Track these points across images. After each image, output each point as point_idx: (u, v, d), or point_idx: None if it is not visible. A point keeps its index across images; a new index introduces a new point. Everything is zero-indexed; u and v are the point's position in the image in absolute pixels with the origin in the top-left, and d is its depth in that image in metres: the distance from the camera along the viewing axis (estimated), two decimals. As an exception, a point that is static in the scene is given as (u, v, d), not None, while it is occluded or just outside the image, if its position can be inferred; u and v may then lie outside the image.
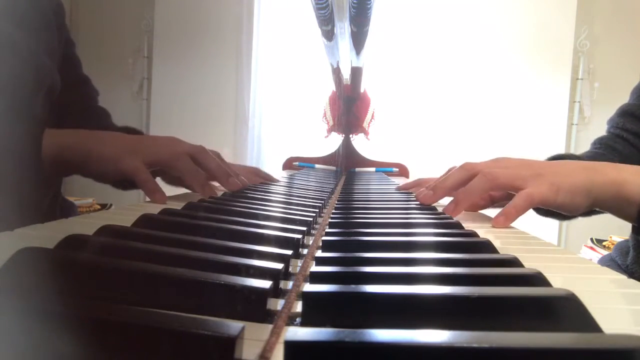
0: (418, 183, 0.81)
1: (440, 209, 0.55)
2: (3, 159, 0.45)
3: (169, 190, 0.66)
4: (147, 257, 0.24)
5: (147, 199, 0.53)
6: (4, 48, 0.48)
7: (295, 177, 1.03)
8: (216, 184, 0.60)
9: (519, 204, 0.48)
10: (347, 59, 0.94)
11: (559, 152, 0.84)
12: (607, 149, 0.83)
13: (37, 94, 0.55)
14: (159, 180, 0.64)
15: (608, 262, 0.87)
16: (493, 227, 0.49)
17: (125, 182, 0.64)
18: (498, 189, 0.53)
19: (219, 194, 0.57)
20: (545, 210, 0.72)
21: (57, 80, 0.60)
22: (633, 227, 0.51)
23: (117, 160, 0.53)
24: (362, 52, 0.93)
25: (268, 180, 0.83)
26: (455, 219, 0.48)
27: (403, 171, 1.52)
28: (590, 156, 0.83)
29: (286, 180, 0.93)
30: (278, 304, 0.21)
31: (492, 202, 0.66)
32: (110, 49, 2.60)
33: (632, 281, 0.28)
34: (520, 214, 0.49)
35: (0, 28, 0.48)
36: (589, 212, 0.71)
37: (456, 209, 0.53)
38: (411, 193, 0.76)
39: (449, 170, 0.62)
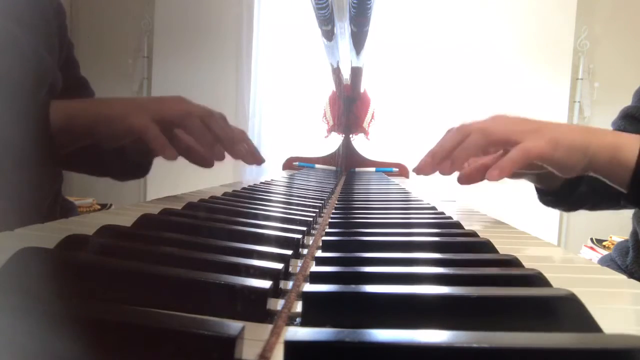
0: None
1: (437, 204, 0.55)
2: (6, 156, 0.45)
3: (169, 190, 0.66)
4: (147, 257, 0.24)
5: (148, 198, 0.53)
6: (6, 45, 0.48)
7: (295, 177, 1.03)
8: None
9: (514, 156, 0.47)
10: (347, 59, 0.94)
11: None
12: None
13: (39, 91, 0.55)
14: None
15: (608, 262, 0.87)
16: (487, 179, 0.47)
17: (134, 149, 0.62)
18: (495, 144, 0.51)
19: (218, 193, 0.57)
20: (546, 198, 0.72)
21: (59, 78, 0.60)
22: (624, 195, 0.50)
23: (125, 118, 0.52)
24: (362, 52, 0.93)
25: (251, 153, 0.71)
26: (455, 219, 0.48)
27: (403, 171, 1.52)
28: None
29: (286, 180, 0.93)
30: (278, 304, 0.21)
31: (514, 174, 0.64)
32: (110, 49, 2.60)
33: (632, 281, 0.28)
34: (516, 168, 0.47)
35: (2, 25, 0.48)
36: (579, 200, 0.70)
37: (451, 167, 0.51)
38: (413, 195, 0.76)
39: (447, 133, 0.59)
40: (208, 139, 0.55)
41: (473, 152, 0.51)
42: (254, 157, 0.63)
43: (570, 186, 0.67)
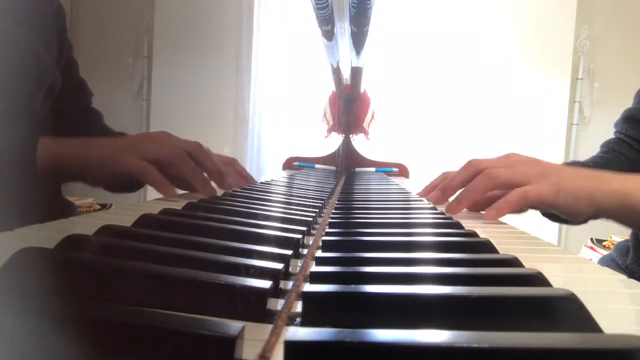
0: (444, 177, 0.79)
1: (441, 207, 0.55)
2: (4, 159, 0.45)
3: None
4: (147, 257, 0.24)
5: (147, 199, 0.53)
6: (5, 45, 0.48)
7: (295, 177, 1.03)
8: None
9: (511, 199, 0.48)
10: (347, 59, 0.94)
11: (559, 153, 0.85)
12: (614, 153, 0.84)
13: (39, 91, 0.55)
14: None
15: (608, 262, 0.87)
16: (485, 220, 0.49)
17: (125, 185, 0.63)
18: (500, 187, 0.53)
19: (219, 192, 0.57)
20: (552, 213, 0.72)
21: (58, 78, 0.60)
22: (634, 238, 0.52)
23: (117, 160, 0.52)
24: (362, 52, 0.93)
25: (242, 176, 0.75)
26: (455, 218, 0.48)
27: (403, 171, 1.52)
28: (598, 161, 0.83)
29: (286, 180, 0.93)
30: (278, 304, 0.21)
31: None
32: (110, 49, 2.60)
33: (632, 281, 0.28)
34: (512, 210, 0.49)
35: (1, 26, 0.48)
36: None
37: (457, 207, 0.53)
38: (416, 195, 0.76)
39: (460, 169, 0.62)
40: (200, 177, 0.56)
41: (479, 195, 0.53)
42: (245, 182, 0.65)
43: None
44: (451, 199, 0.57)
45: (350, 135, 1.54)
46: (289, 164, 1.54)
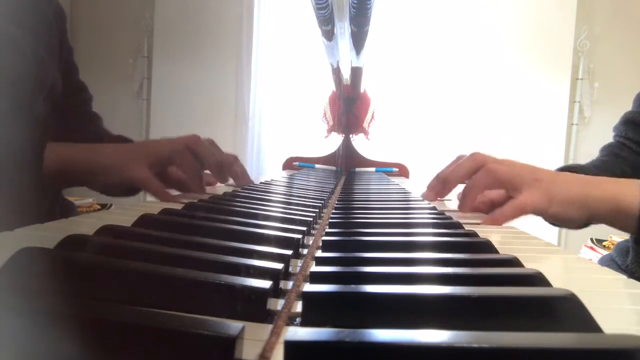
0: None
1: (441, 207, 0.55)
2: (4, 160, 0.45)
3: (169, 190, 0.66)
4: (147, 257, 0.24)
5: (148, 198, 0.54)
6: (6, 47, 0.48)
7: (295, 177, 1.03)
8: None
9: (507, 212, 0.50)
10: (347, 59, 0.94)
11: (559, 153, 0.86)
12: (614, 157, 0.84)
13: (39, 94, 0.55)
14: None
15: (608, 262, 0.87)
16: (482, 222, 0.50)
17: (127, 190, 0.64)
18: (498, 185, 0.54)
19: (218, 191, 0.57)
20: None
21: (59, 81, 0.60)
22: (634, 238, 0.52)
23: (122, 169, 0.54)
24: (362, 52, 0.93)
25: (241, 175, 0.73)
26: (455, 218, 0.48)
27: (403, 171, 1.52)
28: (598, 164, 0.84)
29: (286, 180, 0.93)
30: (278, 304, 0.21)
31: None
32: (110, 49, 2.61)
33: (632, 281, 0.28)
34: (509, 221, 0.50)
35: (2, 27, 0.48)
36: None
37: (464, 203, 0.55)
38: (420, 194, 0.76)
39: (457, 159, 0.63)
40: (198, 172, 0.58)
41: (480, 191, 0.55)
42: (244, 180, 0.66)
43: None
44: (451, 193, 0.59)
45: (350, 135, 1.54)
46: (289, 164, 1.54)
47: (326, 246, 0.32)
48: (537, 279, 0.24)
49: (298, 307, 0.21)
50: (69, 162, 0.55)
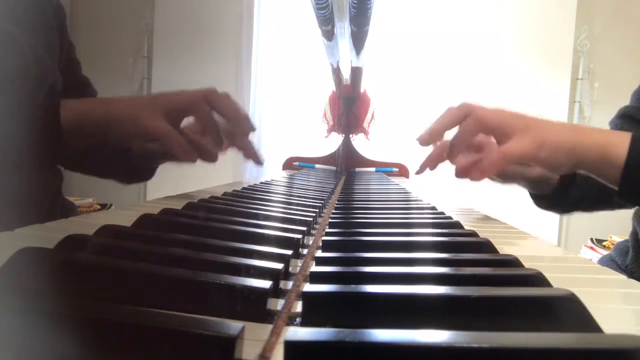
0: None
1: (441, 206, 0.55)
2: (4, 160, 0.45)
3: (169, 190, 0.66)
4: (147, 257, 0.24)
5: (148, 198, 0.53)
6: (5, 45, 0.48)
7: (295, 177, 1.03)
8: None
9: (495, 159, 0.48)
10: (347, 59, 0.94)
11: None
12: None
13: (39, 92, 0.55)
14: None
15: (608, 262, 0.87)
16: (470, 180, 0.49)
17: (143, 153, 0.62)
18: (486, 132, 0.53)
19: (218, 192, 0.57)
20: (540, 202, 0.72)
21: (59, 79, 0.60)
22: (615, 192, 0.51)
23: (138, 119, 0.52)
24: (362, 52, 0.93)
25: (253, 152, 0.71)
26: (455, 218, 0.48)
27: (403, 171, 1.52)
28: None
29: (286, 180, 0.93)
30: (278, 304, 0.21)
31: (504, 178, 0.66)
32: (110, 49, 2.60)
33: (632, 281, 0.28)
34: (497, 169, 0.49)
35: (1, 26, 0.48)
36: (574, 200, 0.70)
37: (452, 153, 0.53)
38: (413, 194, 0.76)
39: (447, 110, 0.61)
40: (214, 127, 0.55)
41: (468, 138, 0.53)
42: (255, 156, 0.63)
43: (562, 189, 0.67)
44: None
45: (350, 135, 1.54)
46: (289, 164, 1.54)
47: (326, 246, 0.32)
48: (537, 279, 0.24)
49: (298, 307, 0.21)
50: (85, 116, 0.53)
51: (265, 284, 0.20)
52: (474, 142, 0.56)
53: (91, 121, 0.53)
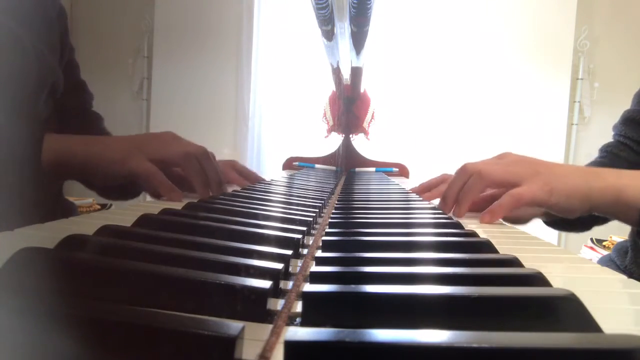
0: (442, 179, 0.77)
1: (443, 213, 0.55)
2: (4, 158, 0.45)
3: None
4: (147, 257, 0.24)
5: (148, 199, 0.53)
6: (8, 44, 0.48)
7: (295, 177, 1.03)
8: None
9: (504, 203, 0.49)
10: (347, 59, 0.94)
11: (559, 153, 0.86)
12: (613, 157, 0.83)
13: (41, 91, 0.55)
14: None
15: (607, 262, 0.87)
16: (480, 223, 0.49)
17: (123, 191, 0.63)
18: (494, 186, 0.53)
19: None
20: (552, 220, 0.73)
21: (60, 79, 0.60)
22: (635, 231, 0.51)
23: (125, 161, 0.52)
24: (362, 52, 0.93)
25: (245, 175, 0.77)
26: (455, 219, 0.48)
27: (403, 171, 1.52)
28: (597, 165, 0.83)
29: (286, 180, 0.93)
30: (278, 304, 0.21)
31: (516, 221, 0.66)
32: (110, 49, 2.61)
33: (632, 281, 0.28)
34: (506, 213, 0.49)
35: (4, 25, 0.48)
36: (590, 222, 0.71)
37: (459, 211, 0.53)
38: (413, 194, 0.76)
39: (441, 177, 0.64)
40: (203, 180, 0.57)
41: (474, 195, 0.53)
42: (253, 179, 0.67)
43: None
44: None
45: (350, 135, 1.54)
46: (289, 164, 1.54)
47: (326, 246, 0.32)
48: (537, 279, 0.24)
49: (298, 307, 0.21)
50: (68, 153, 0.52)
51: (265, 284, 0.20)
52: (481, 195, 0.56)
53: (74, 160, 0.53)
